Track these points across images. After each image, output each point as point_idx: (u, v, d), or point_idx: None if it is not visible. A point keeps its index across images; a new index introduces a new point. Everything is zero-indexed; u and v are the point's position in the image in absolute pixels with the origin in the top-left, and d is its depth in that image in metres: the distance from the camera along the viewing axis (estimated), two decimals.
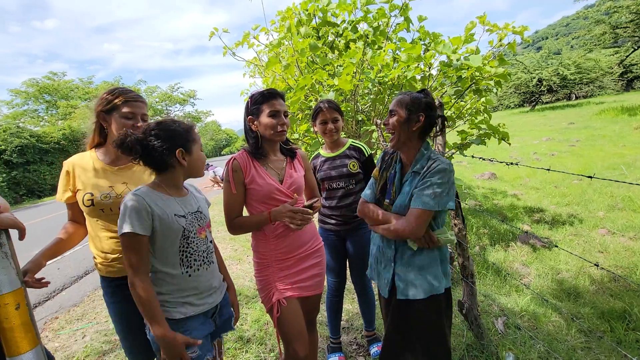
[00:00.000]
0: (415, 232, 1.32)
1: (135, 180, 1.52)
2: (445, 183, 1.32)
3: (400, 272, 1.43)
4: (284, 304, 1.52)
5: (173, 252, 1.22)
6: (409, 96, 1.40)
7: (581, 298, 2.65)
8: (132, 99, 1.44)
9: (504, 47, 3.36)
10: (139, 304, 1.15)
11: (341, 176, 2.00)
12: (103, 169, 1.47)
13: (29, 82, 26.70)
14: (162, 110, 35.72)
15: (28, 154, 18.02)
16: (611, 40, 16.34)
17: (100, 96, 1.45)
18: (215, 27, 3.98)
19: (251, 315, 2.81)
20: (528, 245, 3.69)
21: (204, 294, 1.30)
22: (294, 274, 1.57)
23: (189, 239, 1.26)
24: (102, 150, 1.51)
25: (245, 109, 1.57)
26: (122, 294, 1.50)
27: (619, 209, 4.52)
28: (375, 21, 3.73)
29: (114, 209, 1.44)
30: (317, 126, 2.02)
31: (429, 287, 1.39)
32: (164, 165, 1.24)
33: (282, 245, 1.55)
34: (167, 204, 1.23)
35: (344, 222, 2.04)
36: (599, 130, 11.38)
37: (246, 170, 1.51)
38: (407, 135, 1.40)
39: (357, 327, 2.55)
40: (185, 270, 1.25)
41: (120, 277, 1.48)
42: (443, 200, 1.31)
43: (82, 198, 1.40)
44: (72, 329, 2.97)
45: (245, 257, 4.33)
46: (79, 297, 3.68)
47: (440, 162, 1.35)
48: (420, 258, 1.41)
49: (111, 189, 1.44)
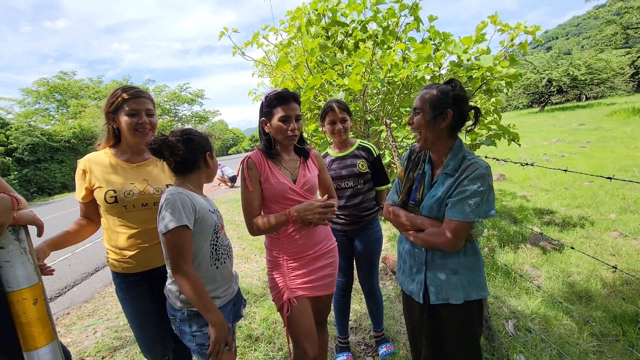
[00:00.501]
0: (451, 246, 1.24)
1: (155, 178, 1.54)
2: (485, 191, 1.22)
3: (433, 275, 1.36)
4: (294, 304, 1.52)
5: (206, 245, 1.30)
6: (434, 90, 1.29)
7: (593, 301, 2.61)
8: (134, 96, 1.46)
9: (515, 47, 3.33)
10: (193, 296, 1.22)
11: (350, 176, 2.01)
12: (121, 167, 1.49)
13: (40, 81, 27.21)
14: (171, 109, 36.01)
15: (39, 152, 18.34)
16: (622, 41, 16.05)
17: (108, 97, 1.48)
18: (225, 27, 4.01)
19: (260, 314, 2.82)
20: (538, 247, 3.64)
21: (227, 284, 1.38)
22: (306, 274, 1.57)
23: (218, 233, 1.36)
24: (117, 148, 1.53)
25: (260, 109, 1.58)
26: (137, 290, 1.53)
27: (631, 211, 4.45)
28: (384, 21, 3.73)
29: (137, 205, 1.47)
30: (326, 126, 2.03)
31: (464, 293, 1.31)
32: (194, 166, 1.34)
33: (295, 244, 1.56)
34: (201, 201, 1.32)
35: (352, 222, 2.04)
36: (610, 131, 11.18)
37: (261, 169, 1.52)
38: (435, 133, 1.30)
39: (366, 327, 2.55)
40: (214, 262, 1.33)
41: (134, 274, 1.50)
42: (482, 209, 1.22)
43: (104, 195, 1.42)
44: (84, 324, 3.02)
45: (253, 256, 4.35)
46: (89, 293, 3.74)
47: (477, 165, 1.23)
48: (453, 261, 1.33)
49: (133, 186, 1.47)
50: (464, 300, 1.32)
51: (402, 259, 1.53)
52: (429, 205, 1.33)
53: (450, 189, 1.27)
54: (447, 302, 1.33)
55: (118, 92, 1.46)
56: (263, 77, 6.22)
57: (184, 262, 1.21)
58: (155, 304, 1.54)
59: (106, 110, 1.46)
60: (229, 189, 11.38)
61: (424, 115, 1.30)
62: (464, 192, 1.22)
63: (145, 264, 1.51)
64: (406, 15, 3.61)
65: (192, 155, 1.31)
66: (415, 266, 1.43)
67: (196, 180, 1.37)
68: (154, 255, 1.52)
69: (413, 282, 1.44)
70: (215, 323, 1.24)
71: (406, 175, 1.48)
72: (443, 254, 1.34)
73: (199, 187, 1.38)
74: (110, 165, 1.47)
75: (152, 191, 1.50)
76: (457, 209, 1.22)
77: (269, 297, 3.13)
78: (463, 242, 1.27)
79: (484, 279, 1.38)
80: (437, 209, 1.30)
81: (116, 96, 1.45)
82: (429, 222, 1.33)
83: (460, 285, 1.32)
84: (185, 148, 1.28)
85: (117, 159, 1.50)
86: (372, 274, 2.15)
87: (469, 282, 1.33)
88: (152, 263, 1.52)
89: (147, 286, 1.53)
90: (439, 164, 1.37)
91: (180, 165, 1.32)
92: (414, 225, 1.38)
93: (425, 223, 1.34)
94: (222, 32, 4.07)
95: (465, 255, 1.34)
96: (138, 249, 1.48)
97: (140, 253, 1.48)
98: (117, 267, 1.50)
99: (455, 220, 1.23)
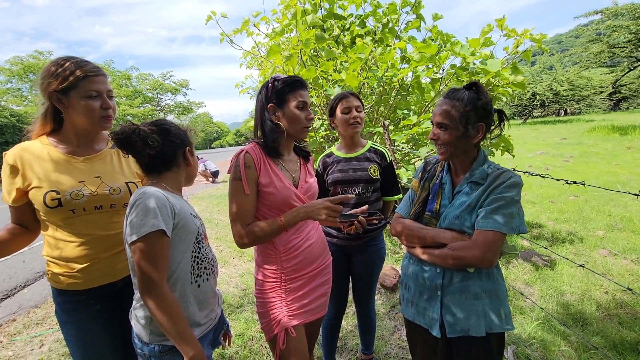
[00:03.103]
0: (486, 260, 1.06)
1: (110, 175, 1.25)
2: (519, 201, 1.09)
3: (449, 302, 1.16)
4: (292, 335, 1.27)
5: (186, 258, 1.07)
6: (460, 102, 1.11)
7: (589, 325, 2.49)
8: (94, 73, 1.16)
9: (519, 55, 3.19)
10: (166, 324, 0.95)
11: (359, 181, 1.73)
12: (65, 161, 1.19)
13: (14, 60, 25.87)
14: (154, 97, 34.79)
15: (7, 134, 17.25)
16: (607, 59, 16.61)
17: (47, 71, 1.14)
18: (213, 11, 3.70)
19: (235, 328, 2.54)
20: (530, 262, 3.53)
21: (209, 307, 1.15)
22: (303, 296, 1.32)
23: (201, 243, 1.13)
24: (56, 137, 1.22)
25: (265, 95, 1.28)
26: (87, 311, 1.23)
27: (619, 229, 4.43)
28: (384, 17, 3.52)
29: (89, 208, 1.17)
30: (339, 116, 1.72)
31: (488, 322, 1.13)
32: (172, 163, 1.13)
33: (295, 260, 1.30)
34: (181, 203, 1.08)
35: (354, 237, 1.76)
36: (591, 147, 11.45)
37: (259, 168, 1.24)
38: (464, 148, 1.17)
39: (352, 347, 2.32)
40: (194, 279, 1.09)
41: (83, 291, 1.21)
42: (515, 222, 1.07)
43: (43, 198, 1.12)
44: (30, 335, 2.64)
45: (231, 260, 4.05)
46: (41, 297, 3.32)
47: (510, 173, 1.12)
48: (475, 284, 1.14)
49: (82, 185, 1.17)
50: (485, 333, 1.12)
51: (405, 288, 1.30)
52: (452, 216, 1.15)
53: (481, 197, 1.11)
54: (467, 335, 1.13)
55: (69, 66, 1.13)
56: (252, 69, 5.90)
57: (158, 278, 0.96)
58: (110, 329, 1.26)
59: (51, 89, 1.13)
60: (209, 184, 10.94)
61: (452, 132, 1.13)
62: (499, 199, 1.08)
63: (97, 278, 1.22)
64: (408, 12, 3.42)
65: (170, 149, 1.10)
66: (427, 292, 1.21)
67: (174, 179, 1.14)
68: (110, 267, 1.23)
69: (425, 311, 1.22)
70: (192, 358, 0.98)
71: (421, 185, 1.29)
72: (464, 276, 1.14)
73: (177, 189, 1.16)
74: (50, 159, 1.16)
75: (107, 191, 1.21)
76: (491, 219, 1.07)
77: (247, 307, 2.85)
78: (497, 257, 1.09)
79: (508, 308, 1.18)
80: (463, 219, 1.12)
81: (68, 72, 1.12)
82: (450, 235, 1.14)
83: (482, 313, 1.12)
84: (161, 140, 1.07)
85: (58, 150, 1.19)
86: (369, 295, 1.91)
87: (492, 311, 1.13)
88: (107, 277, 1.24)
89: (99, 306, 1.24)
90: (462, 172, 1.20)
91: (155, 161, 1.08)
92: (423, 239, 1.18)
93: (444, 236, 1.14)
94: (209, 16, 3.75)
95: (489, 278, 1.15)
96: (90, 261, 1.19)
97: (92, 266, 1.20)
98: (60, 283, 1.20)
99: (490, 230, 1.06)
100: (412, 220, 1.26)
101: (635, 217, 4.71)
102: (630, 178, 6.95)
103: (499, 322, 1.13)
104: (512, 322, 1.17)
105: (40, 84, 1.15)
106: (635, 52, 15.27)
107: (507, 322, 1.15)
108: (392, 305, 2.81)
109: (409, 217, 1.28)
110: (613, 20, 14.52)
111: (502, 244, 1.08)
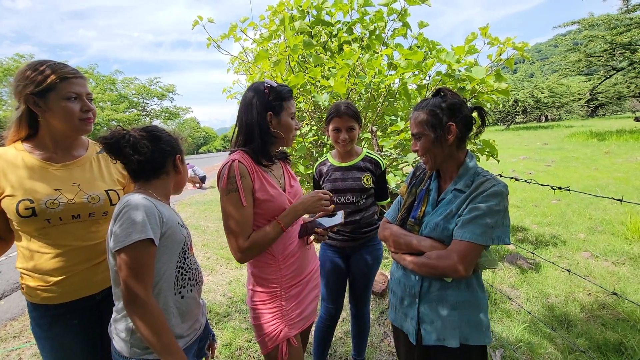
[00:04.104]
0: (460, 271, 1.04)
1: (89, 182, 1.20)
2: (501, 211, 1.05)
3: (426, 309, 1.15)
4: (294, 344, 1.25)
5: (171, 268, 1.04)
6: (425, 109, 1.14)
7: (574, 327, 2.53)
8: (72, 75, 1.13)
9: (502, 63, 3.27)
10: (151, 336, 0.92)
11: (351, 190, 1.77)
12: (41, 167, 1.14)
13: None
14: (139, 103, 34.20)
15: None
16: (584, 68, 17.28)
17: (22, 75, 1.10)
18: (200, 16, 3.67)
19: (222, 338, 2.48)
20: (515, 265, 3.59)
21: (193, 318, 1.12)
22: (299, 303, 1.31)
23: (186, 253, 1.10)
24: (32, 143, 1.17)
25: (261, 102, 1.23)
26: (63, 326, 1.17)
27: (599, 231, 4.56)
28: (371, 24, 3.56)
29: (65, 218, 1.12)
30: (330, 132, 1.76)
31: (463, 333, 1.11)
32: (161, 170, 1.10)
33: (293, 267, 1.29)
34: (169, 211, 1.06)
35: (352, 239, 1.81)
36: (572, 152, 11.82)
37: (253, 177, 1.21)
38: (445, 151, 1.15)
39: (342, 354, 2.29)
40: (178, 290, 1.06)
41: (59, 305, 1.16)
42: (496, 233, 1.04)
43: (16, 207, 1.07)
44: (7, 348, 2.52)
45: (218, 267, 3.97)
46: (19, 308, 3.18)
47: (494, 181, 1.09)
48: (454, 294, 1.12)
49: (59, 193, 1.12)
50: (459, 344, 1.11)
51: (392, 292, 1.30)
52: (433, 223, 1.14)
53: (462, 206, 1.10)
54: (443, 344, 1.12)
55: (46, 69, 1.09)
56: (239, 74, 5.88)
57: (143, 289, 0.92)
58: (88, 344, 1.21)
59: (27, 92, 1.08)
60: (196, 189, 10.78)
61: (427, 139, 1.15)
62: (476, 209, 1.06)
63: (74, 291, 1.17)
64: (394, 20, 3.46)
65: (160, 155, 1.08)
66: (407, 299, 1.21)
67: (162, 187, 1.12)
68: (88, 279, 1.19)
69: (405, 317, 1.22)
70: None
71: (408, 190, 1.29)
72: (442, 285, 1.14)
73: (165, 197, 1.13)
74: (24, 165, 1.11)
75: (85, 199, 1.17)
76: (467, 229, 1.05)
77: (234, 316, 2.79)
78: (472, 268, 1.07)
79: (487, 321, 1.16)
80: (442, 228, 1.11)
81: (45, 74, 1.09)
82: (430, 243, 1.13)
83: (457, 324, 1.12)
84: (152, 146, 1.05)
85: (33, 157, 1.14)
86: (364, 297, 1.92)
87: (468, 322, 1.12)
88: (84, 290, 1.19)
89: (76, 321, 1.19)
90: (448, 179, 1.20)
91: (144, 167, 1.06)
92: (408, 246, 1.17)
93: (423, 244, 1.14)
94: (196, 21, 3.73)
95: (468, 288, 1.14)
96: (66, 273, 1.14)
97: (68, 279, 1.15)
98: (35, 297, 1.15)
99: (465, 240, 1.05)
100: (401, 228, 1.25)
101: (615, 219, 4.86)
102: (609, 182, 7.19)
103: (476, 334, 1.12)
104: (490, 335, 1.16)
105: (15, 87, 1.10)
106: (610, 61, 15.94)
107: (484, 335, 1.13)
108: (381, 311, 2.80)
109: (396, 222, 1.28)
110: (589, 30, 15.17)
111: (478, 255, 1.06)
